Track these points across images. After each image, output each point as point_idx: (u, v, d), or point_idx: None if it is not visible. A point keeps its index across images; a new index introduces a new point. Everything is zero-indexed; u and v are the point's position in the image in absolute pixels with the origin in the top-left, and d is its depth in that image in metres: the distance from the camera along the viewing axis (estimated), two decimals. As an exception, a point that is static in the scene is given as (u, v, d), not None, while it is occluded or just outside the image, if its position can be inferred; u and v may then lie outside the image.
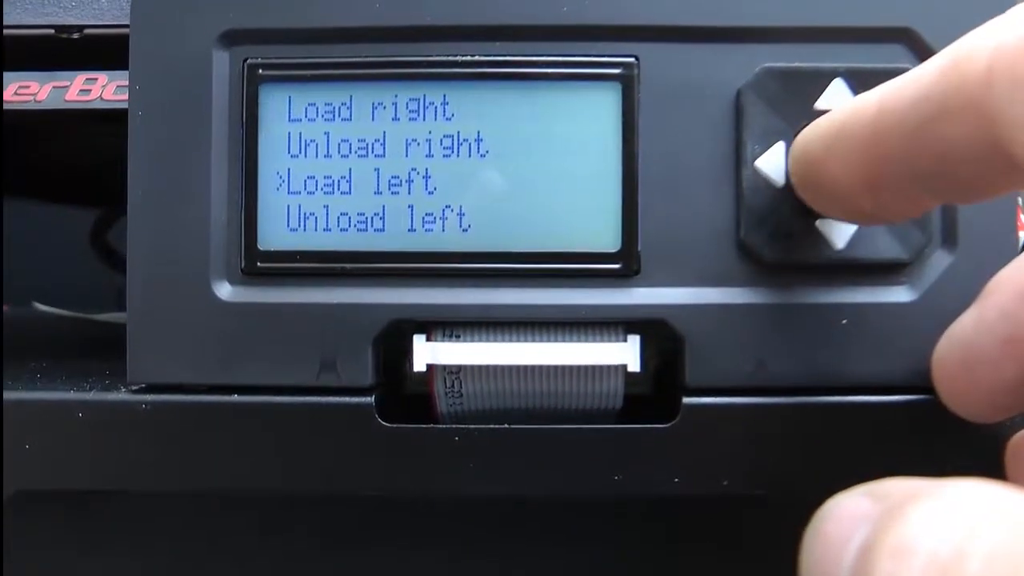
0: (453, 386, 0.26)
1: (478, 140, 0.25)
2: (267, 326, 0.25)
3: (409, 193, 0.25)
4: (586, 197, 0.25)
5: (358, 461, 0.25)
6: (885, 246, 0.25)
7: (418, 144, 0.25)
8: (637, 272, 0.25)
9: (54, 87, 0.31)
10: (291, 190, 0.26)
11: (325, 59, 0.26)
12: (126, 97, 0.27)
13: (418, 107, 0.25)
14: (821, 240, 0.25)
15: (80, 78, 0.30)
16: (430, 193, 0.25)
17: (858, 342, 0.25)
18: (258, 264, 0.25)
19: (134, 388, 0.26)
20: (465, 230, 0.25)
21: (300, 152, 0.26)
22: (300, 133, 0.26)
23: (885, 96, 0.21)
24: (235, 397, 0.25)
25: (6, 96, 0.31)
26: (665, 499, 0.26)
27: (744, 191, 0.25)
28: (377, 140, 0.25)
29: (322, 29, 0.26)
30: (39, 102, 0.31)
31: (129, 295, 0.26)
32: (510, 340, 0.25)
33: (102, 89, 0.30)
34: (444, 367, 0.25)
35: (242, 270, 0.26)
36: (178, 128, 0.26)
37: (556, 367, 0.25)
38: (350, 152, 0.25)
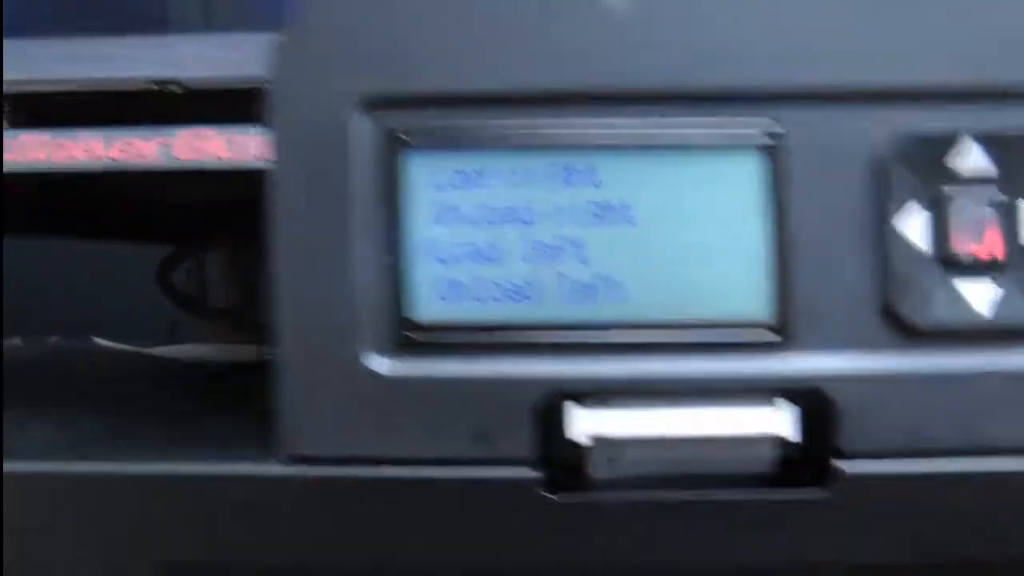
0: (612, 456, 0.26)
1: (626, 208, 0.25)
2: (419, 398, 0.25)
3: (559, 261, 0.25)
4: (735, 264, 0.25)
5: (519, 533, 0.25)
6: (1036, 309, 0.25)
7: (566, 212, 0.25)
8: (789, 339, 0.25)
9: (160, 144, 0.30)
10: (440, 259, 0.25)
11: (469, 126, 0.25)
12: (238, 154, 0.27)
13: (566, 175, 0.25)
14: (967, 305, 0.25)
15: (186, 135, 0.30)
16: (581, 262, 0.25)
17: (1013, 407, 0.25)
18: (410, 335, 0.25)
19: (283, 460, 0.26)
20: (616, 300, 0.25)
21: (447, 220, 0.25)
22: (446, 201, 0.25)
23: None
24: (390, 469, 0.25)
25: (112, 154, 0.30)
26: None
27: (888, 256, 0.25)
28: (525, 207, 0.25)
29: (465, 95, 0.25)
30: (144, 158, 0.30)
31: (279, 365, 0.26)
32: (664, 407, 0.25)
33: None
34: (601, 438, 0.25)
35: (394, 342, 0.25)
36: (319, 195, 0.25)
37: (702, 437, 0.25)
38: (498, 220, 0.25)
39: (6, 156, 0.31)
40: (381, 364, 0.25)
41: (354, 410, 0.25)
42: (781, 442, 0.25)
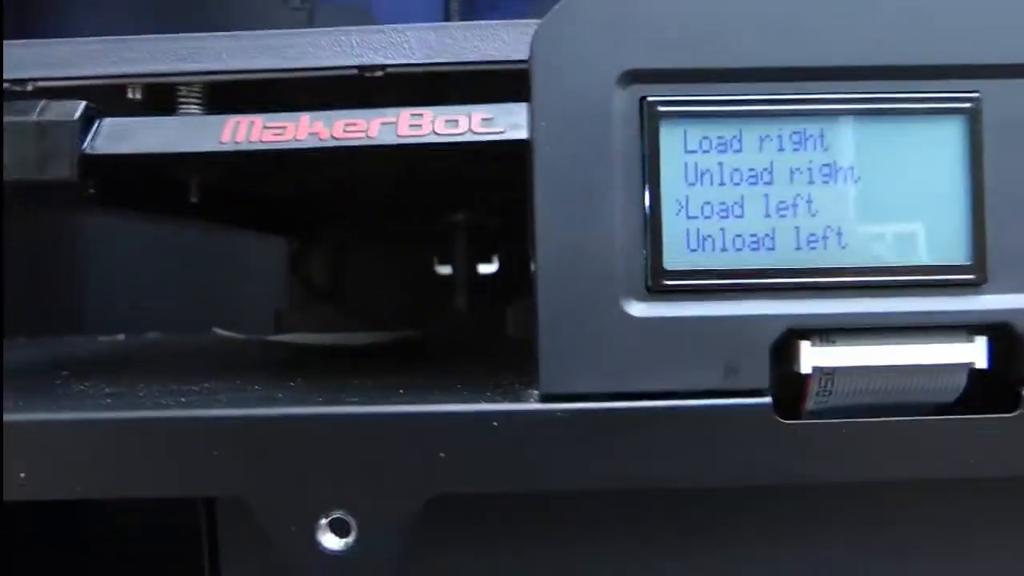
0: (825, 386, 0.29)
1: (851, 168, 0.29)
2: (673, 337, 0.29)
3: (795, 216, 0.29)
4: (939, 215, 0.29)
5: (761, 455, 0.29)
6: None
7: (801, 172, 0.29)
8: (984, 282, 0.29)
9: (382, 123, 0.33)
10: (690, 215, 0.29)
11: (718, 97, 0.29)
12: (454, 131, 0.30)
13: (800, 140, 0.29)
14: None
15: (405, 114, 0.32)
16: (813, 215, 0.29)
17: None
18: (663, 282, 0.29)
19: (544, 396, 0.29)
20: (843, 247, 0.29)
21: (697, 181, 0.29)
22: (696, 164, 0.29)
23: None
24: (647, 402, 0.29)
25: (334, 133, 0.33)
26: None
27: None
28: (765, 169, 0.29)
29: (713, 70, 0.29)
30: (371, 138, 0.33)
31: (541, 314, 0.29)
32: (876, 344, 0.29)
33: (432, 124, 0.32)
34: (821, 369, 0.29)
35: (648, 288, 0.29)
36: (582, 160, 0.28)
37: (911, 366, 0.29)
38: (742, 180, 0.29)
39: (222, 137, 0.33)
40: (637, 308, 0.29)
41: (612, 350, 0.29)
42: (975, 371, 0.29)
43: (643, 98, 0.29)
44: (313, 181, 0.42)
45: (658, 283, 0.29)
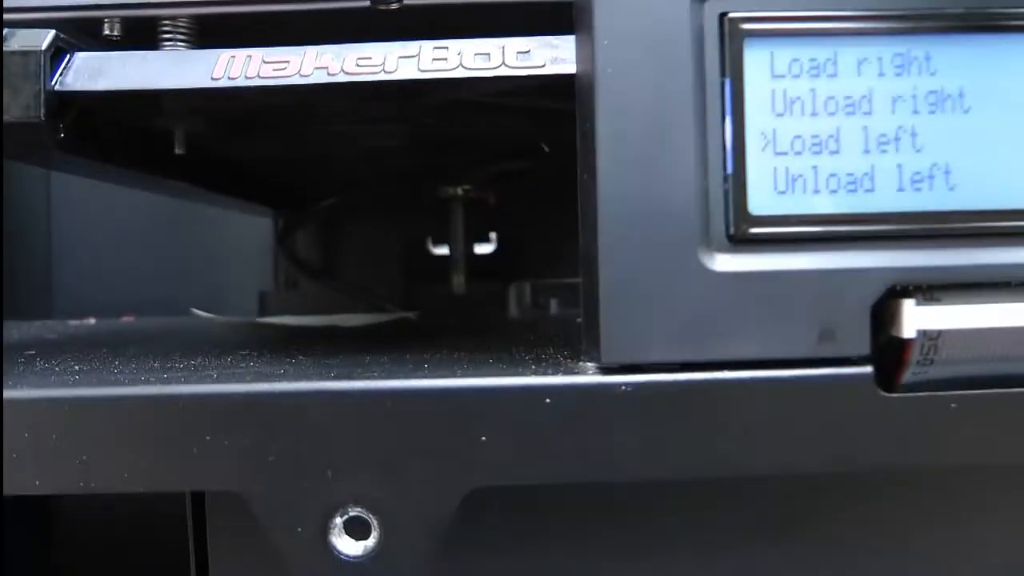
0: (928, 353, 0.25)
1: (960, 96, 0.25)
2: (759, 295, 0.24)
3: (897, 151, 0.24)
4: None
5: (861, 435, 0.24)
6: None
7: (904, 101, 0.24)
8: (1111, 228, 0.25)
9: (402, 57, 0.28)
10: (777, 150, 0.24)
11: (808, 12, 0.24)
12: (486, 65, 0.26)
13: (903, 62, 0.24)
14: None
15: (428, 46, 0.28)
16: (918, 151, 0.25)
17: None
18: (748, 230, 0.24)
19: (604, 369, 0.24)
20: (951, 189, 0.25)
21: (785, 110, 0.24)
22: (784, 90, 0.24)
23: None
24: (726, 373, 0.24)
25: (346, 68, 0.28)
26: None
27: None
28: (864, 97, 0.24)
29: (804, -20, 0.24)
30: (388, 73, 0.28)
31: (602, 269, 0.24)
32: (988, 302, 0.25)
33: (460, 57, 0.28)
34: (925, 333, 0.25)
35: (730, 237, 0.24)
36: (651, 90, 0.24)
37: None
38: (837, 110, 0.24)
39: (215, 73, 0.28)
40: (714, 260, 0.24)
41: (687, 311, 0.24)
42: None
43: (723, 14, 0.24)
44: (313, 138, 0.37)
45: (742, 231, 0.24)
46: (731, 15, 0.24)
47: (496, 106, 0.32)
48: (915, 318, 0.24)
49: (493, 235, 0.50)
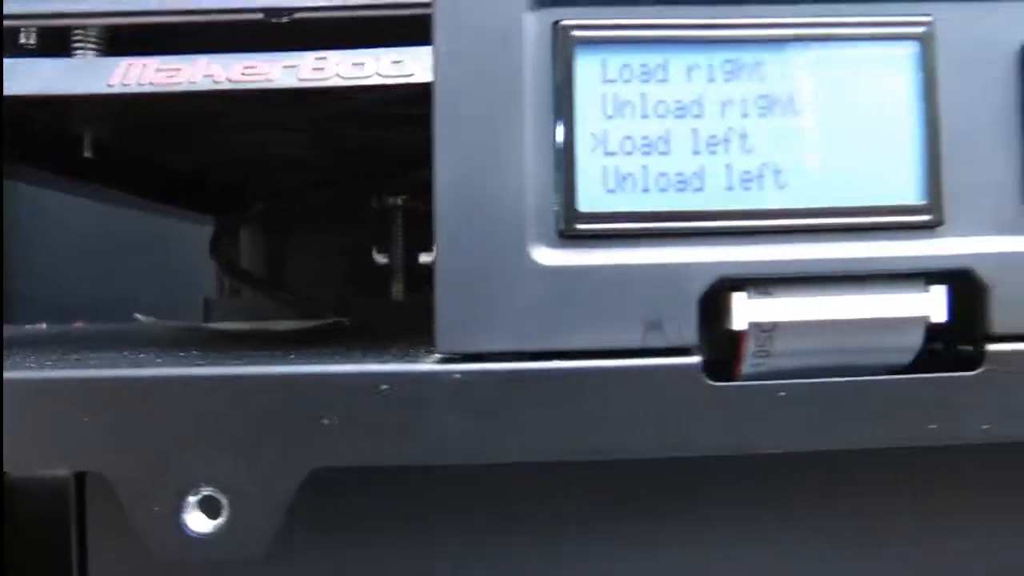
0: (764, 345, 0.26)
1: (791, 100, 0.26)
2: (587, 288, 0.25)
3: (727, 152, 0.26)
4: (889, 150, 0.26)
5: (688, 422, 0.25)
6: None
7: (734, 105, 0.26)
8: (941, 224, 0.26)
9: (284, 67, 0.29)
10: (608, 151, 0.25)
11: (639, 21, 0.25)
12: (360, 74, 0.27)
13: (734, 69, 0.26)
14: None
15: (309, 57, 0.29)
16: (748, 152, 0.26)
17: None
18: (577, 226, 0.25)
19: (442, 358, 0.25)
20: (781, 187, 0.26)
21: (616, 113, 0.25)
22: (616, 94, 0.25)
23: None
24: (556, 363, 0.25)
25: (231, 76, 0.30)
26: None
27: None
28: (694, 101, 0.26)
29: (635, -11, 0.25)
30: (270, 82, 0.29)
31: (438, 264, 0.25)
32: (820, 294, 0.26)
33: (337, 66, 0.29)
34: (758, 326, 0.26)
35: (560, 233, 0.25)
36: (488, 92, 0.25)
37: (860, 321, 0.26)
38: (667, 113, 0.25)
39: (110, 80, 0.30)
40: (545, 255, 0.25)
41: (518, 303, 0.25)
42: (927, 326, 0.26)
43: (557, 22, 0.25)
44: (228, 146, 0.39)
45: (571, 227, 0.25)
46: (563, 23, 0.25)
47: (386, 116, 0.33)
48: (746, 311, 0.25)
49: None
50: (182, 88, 0.30)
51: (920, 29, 0.26)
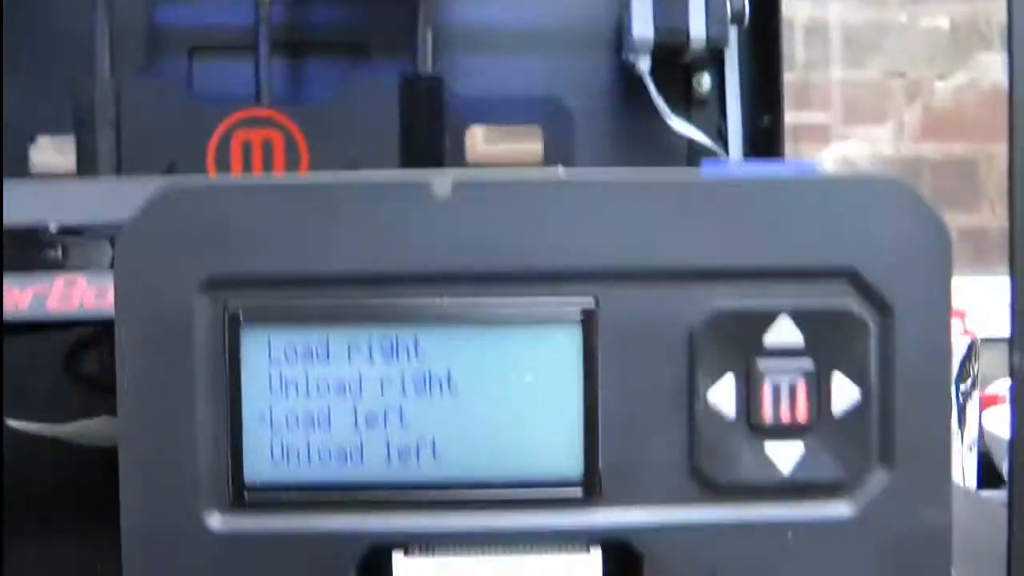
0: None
1: (448, 378, 0.27)
2: (257, 555, 0.27)
3: (385, 428, 0.27)
4: (550, 428, 0.27)
5: None
6: (828, 468, 0.27)
7: (391, 383, 0.27)
8: (598, 496, 0.27)
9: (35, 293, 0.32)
10: (274, 426, 0.27)
11: (302, 303, 0.27)
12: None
13: (391, 348, 0.27)
14: (769, 464, 0.27)
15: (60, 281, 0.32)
16: (404, 428, 0.27)
17: (803, 555, 0.27)
18: (244, 496, 0.27)
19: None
20: (437, 461, 0.27)
21: (281, 391, 0.27)
22: (280, 373, 0.27)
23: None
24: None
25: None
26: None
27: (697, 422, 0.27)
28: (353, 380, 0.27)
29: (298, 275, 0.27)
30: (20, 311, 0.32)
31: (123, 525, 0.27)
32: (481, 556, 0.27)
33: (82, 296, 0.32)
34: (419, 585, 0.27)
35: (230, 502, 0.27)
36: (164, 367, 0.27)
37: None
38: (328, 391, 0.27)
39: None
40: (219, 521, 0.27)
41: (194, 568, 0.27)
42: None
43: (225, 304, 0.27)
44: None
45: (239, 497, 0.27)
46: (230, 304, 0.27)
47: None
48: (404, 569, 0.27)
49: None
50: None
51: (581, 313, 0.27)
